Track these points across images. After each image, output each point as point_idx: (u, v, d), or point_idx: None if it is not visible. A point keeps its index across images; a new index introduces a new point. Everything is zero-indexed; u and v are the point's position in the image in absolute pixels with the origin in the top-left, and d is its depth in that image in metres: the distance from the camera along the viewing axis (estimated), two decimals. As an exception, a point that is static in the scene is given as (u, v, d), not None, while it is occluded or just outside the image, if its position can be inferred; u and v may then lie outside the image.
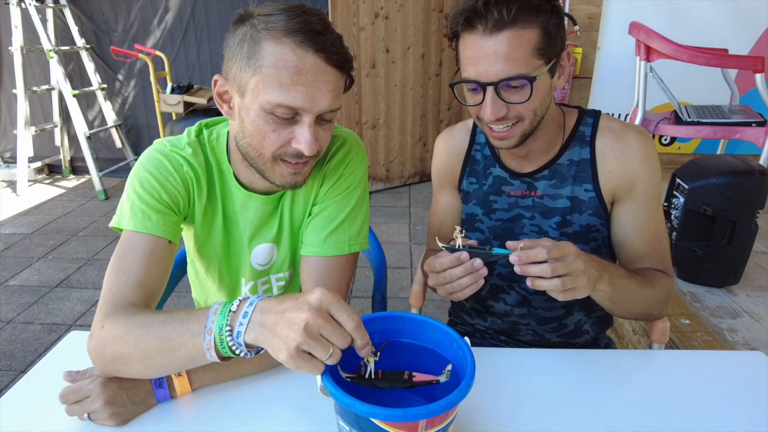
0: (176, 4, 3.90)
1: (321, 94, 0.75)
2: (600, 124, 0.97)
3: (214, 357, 0.64)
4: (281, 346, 0.58)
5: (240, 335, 0.61)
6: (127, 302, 0.76)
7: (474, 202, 1.06)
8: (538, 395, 0.79)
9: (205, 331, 0.64)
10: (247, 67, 0.75)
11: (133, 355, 0.70)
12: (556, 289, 0.74)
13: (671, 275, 0.97)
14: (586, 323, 1.08)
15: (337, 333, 0.58)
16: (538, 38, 0.81)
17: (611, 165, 0.94)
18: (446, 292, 0.81)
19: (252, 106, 0.76)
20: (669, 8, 3.39)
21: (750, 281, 2.13)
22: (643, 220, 0.95)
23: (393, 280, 2.69)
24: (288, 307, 0.59)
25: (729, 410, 0.77)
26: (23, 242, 3.14)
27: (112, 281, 0.78)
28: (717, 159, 2.14)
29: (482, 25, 0.80)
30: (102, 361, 0.72)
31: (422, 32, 3.75)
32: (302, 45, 0.73)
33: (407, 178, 4.15)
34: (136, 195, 0.84)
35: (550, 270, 0.72)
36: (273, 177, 0.84)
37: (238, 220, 0.95)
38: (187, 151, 0.88)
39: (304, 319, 0.57)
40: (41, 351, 2.13)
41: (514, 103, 0.84)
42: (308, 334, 0.57)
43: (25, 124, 3.78)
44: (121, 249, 0.82)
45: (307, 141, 0.77)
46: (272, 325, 0.59)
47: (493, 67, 0.81)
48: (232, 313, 0.63)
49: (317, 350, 0.57)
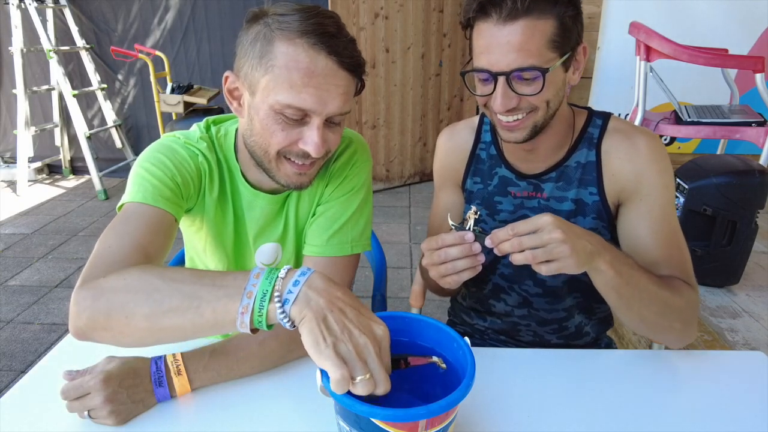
0: (176, 4, 3.90)
1: (331, 97, 0.75)
2: (609, 126, 0.94)
3: (246, 325, 0.58)
4: (326, 337, 0.54)
5: (288, 303, 0.57)
6: (132, 262, 0.68)
7: (477, 202, 1.04)
8: (538, 395, 0.79)
9: (244, 293, 0.58)
10: (258, 66, 0.75)
11: (140, 309, 0.61)
12: (527, 261, 0.72)
13: (695, 288, 0.88)
14: (587, 325, 1.08)
15: (383, 374, 0.56)
16: (554, 30, 0.79)
17: (615, 167, 0.92)
18: (439, 273, 0.77)
19: (262, 105, 0.76)
20: (669, 8, 3.39)
21: (750, 281, 2.13)
22: (656, 222, 0.90)
23: (393, 280, 2.69)
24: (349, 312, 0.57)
25: (729, 410, 0.77)
26: (23, 242, 3.14)
27: (111, 241, 0.72)
28: (717, 159, 2.13)
29: (496, 14, 0.78)
30: (90, 314, 0.63)
31: (422, 32, 3.75)
32: (315, 47, 0.73)
33: (407, 178, 4.15)
34: (146, 172, 0.81)
35: (517, 244, 0.71)
36: (278, 177, 0.84)
37: (244, 219, 0.95)
38: (201, 145, 0.89)
39: (363, 342, 0.55)
40: (41, 351, 2.13)
41: (524, 95, 0.82)
42: (358, 351, 0.55)
43: (25, 124, 3.78)
44: (123, 215, 0.77)
45: (315, 143, 0.77)
46: (323, 309, 0.56)
47: (506, 57, 0.79)
48: (280, 279, 0.58)
49: (357, 368, 0.54)
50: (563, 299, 1.02)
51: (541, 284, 1.01)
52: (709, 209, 1.98)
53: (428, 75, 3.93)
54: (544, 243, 0.71)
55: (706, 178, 1.99)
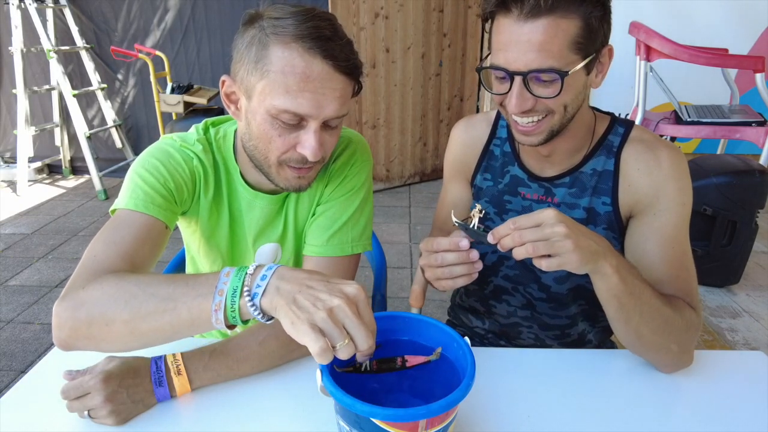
0: (176, 4, 3.90)
1: (327, 101, 0.75)
2: (631, 135, 0.90)
3: (221, 321, 0.60)
4: (298, 315, 0.55)
5: (257, 297, 0.58)
6: (116, 270, 0.70)
7: (486, 200, 1.02)
8: (538, 395, 0.79)
9: (216, 291, 0.60)
10: (254, 71, 0.75)
11: (119, 316, 0.63)
12: (527, 254, 0.68)
13: (698, 311, 0.84)
14: (590, 333, 1.05)
15: (362, 330, 0.56)
16: (577, 30, 0.74)
17: (632, 177, 0.88)
18: (434, 276, 0.77)
19: (258, 110, 0.76)
20: (669, 8, 3.39)
21: (750, 281, 2.13)
22: (667, 240, 0.85)
23: (393, 280, 2.69)
24: (316, 285, 0.58)
25: (729, 410, 0.77)
26: (23, 242, 3.14)
27: (98, 249, 0.73)
28: (717, 159, 2.14)
29: (517, 9, 0.74)
30: (72, 325, 0.65)
31: (422, 32, 3.75)
32: (310, 51, 0.72)
33: (407, 178, 4.15)
34: (140, 178, 0.82)
35: (518, 237, 0.68)
36: (278, 180, 0.84)
37: (243, 220, 0.95)
38: (197, 147, 0.89)
39: (335, 303, 0.56)
40: (41, 351, 2.13)
41: (541, 98, 0.78)
42: (332, 317, 0.55)
43: (25, 124, 3.78)
44: (113, 223, 0.78)
45: (312, 147, 0.77)
46: (292, 293, 0.57)
47: (524, 56, 0.75)
48: (248, 275, 0.60)
49: (335, 334, 0.55)
50: (568, 306, 1.00)
51: (545, 289, 0.99)
52: (709, 209, 1.98)
53: (428, 75, 3.93)
54: (546, 237, 0.67)
55: (706, 178, 2.00)
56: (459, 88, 4.13)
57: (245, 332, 0.82)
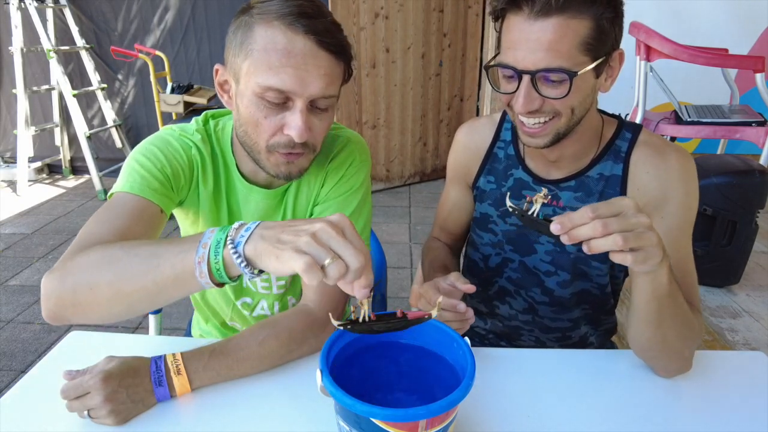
0: (176, 4, 3.90)
1: (311, 78, 0.74)
2: (639, 139, 0.89)
3: (205, 274, 0.58)
4: (282, 247, 0.53)
5: (240, 245, 0.56)
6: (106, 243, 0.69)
7: (489, 203, 1.01)
8: (538, 395, 0.79)
9: (200, 245, 0.58)
10: (240, 53, 0.76)
11: (103, 278, 0.63)
12: (617, 248, 0.59)
13: (700, 315, 0.85)
14: (592, 336, 1.05)
15: (349, 248, 0.53)
16: (588, 31, 0.74)
17: (641, 181, 0.87)
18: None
19: (245, 92, 0.77)
20: (669, 8, 3.39)
21: (750, 281, 2.13)
22: (671, 244, 0.81)
23: (393, 280, 2.69)
24: (298, 223, 0.56)
25: (729, 410, 0.77)
26: (23, 242, 3.14)
27: (90, 228, 0.73)
28: (717, 159, 2.14)
29: (528, 7, 0.73)
30: (58, 294, 0.65)
31: (422, 32, 3.75)
32: (291, 27, 0.73)
33: (407, 178, 4.15)
34: (137, 163, 0.83)
35: (601, 226, 0.58)
36: (268, 167, 0.83)
37: (240, 213, 0.95)
38: (196, 137, 0.89)
39: (318, 227, 0.54)
40: (41, 351, 2.13)
41: (549, 98, 0.78)
42: (316, 239, 0.53)
43: (25, 124, 3.78)
44: (109, 204, 0.78)
45: (298, 127, 0.76)
46: (275, 235, 0.55)
47: (533, 54, 0.74)
48: (233, 229, 0.59)
49: (321, 253, 0.52)
50: (570, 310, 1.00)
51: (548, 293, 0.99)
52: (710, 209, 1.98)
53: (428, 75, 3.93)
54: (632, 227, 0.60)
55: (707, 178, 2.00)
56: (459, 88, 4.13)
57: (245, 332, 0.82)
